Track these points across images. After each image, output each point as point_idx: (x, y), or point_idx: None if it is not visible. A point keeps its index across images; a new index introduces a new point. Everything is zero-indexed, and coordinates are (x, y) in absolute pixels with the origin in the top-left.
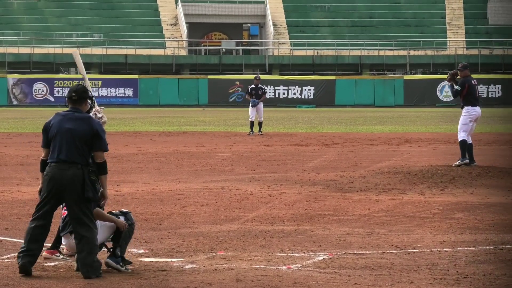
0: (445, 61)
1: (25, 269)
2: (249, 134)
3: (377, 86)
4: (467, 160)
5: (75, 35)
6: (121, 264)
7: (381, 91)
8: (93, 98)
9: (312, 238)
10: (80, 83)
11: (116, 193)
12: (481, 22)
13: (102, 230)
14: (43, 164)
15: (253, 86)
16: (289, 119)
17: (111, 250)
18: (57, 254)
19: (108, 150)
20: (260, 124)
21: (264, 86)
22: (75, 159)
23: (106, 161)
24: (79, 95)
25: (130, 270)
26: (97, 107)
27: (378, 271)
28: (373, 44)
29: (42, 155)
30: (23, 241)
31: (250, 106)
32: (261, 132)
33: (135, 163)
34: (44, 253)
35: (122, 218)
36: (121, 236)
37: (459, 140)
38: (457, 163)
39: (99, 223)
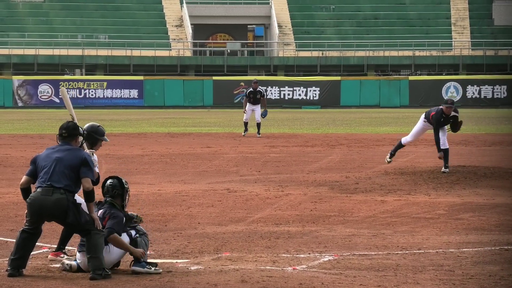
0: (450, 62)
1: (13, 276)
2: (243, 135)
3: (382, 87)
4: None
5: (80, 37)
6: (148, 267)
7: (386, 92)
8: (84, 135)
9: (318, 239)
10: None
11: None
12: (486, 22)
13: (113, 253)
14: (24, 192)
15: (251, 89)
16: (294, 120)
17: (134, 257)
18: (62, 256)
19: (96, 182)
20: (258, 125)
21: (263, 88)
22: (60, 185)
23: (93, 190)
24: (69, 132)
25: (161, 270)
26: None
27: (384, 272)
28: (378, 45)
29: (21, 182)
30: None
31: (247, 107)
32: (259, 134)
33: (140, 165)
34: (49, 256)
35: (133, 232)
36: (137, 244)
37: (447, 147)
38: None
39: (109, 247)
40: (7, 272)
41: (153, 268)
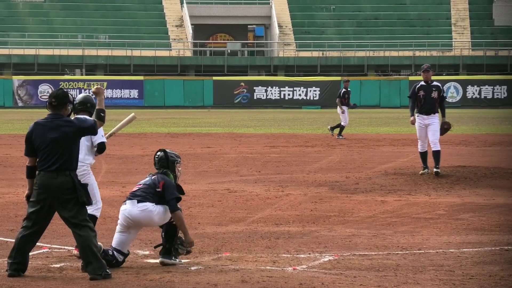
0: (450, 62)
1: (14, 277)
2: (341, 138)
3: (382, 87)
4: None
5: (80, 37)
6: (173, 258)
7: (386, 92)
8: (74, 102)
9: (318, 239)
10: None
11: (122, 194)
12: (486, 23)
13: (159, 216)
14: (29, 170)
15: (344, 90)
16: (294, 120)
17: (166, 248)
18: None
19: (95, 123)
20: (343, 127)
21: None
22: (63, 167)
23: (104, 114)
24: (59, 101)
25: (183, 262)
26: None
27: (384, 272)
28: (379, 45)
29: (27, 162)
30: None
31: (345, 110)
32: (341, 136)
33: (140, 165)
34: (74, 251)
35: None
36: (176, 235)
37: (439, 149)
38: (438, 170)
39: (158, 207)
40: (7, 272)
41: (177, 260)
